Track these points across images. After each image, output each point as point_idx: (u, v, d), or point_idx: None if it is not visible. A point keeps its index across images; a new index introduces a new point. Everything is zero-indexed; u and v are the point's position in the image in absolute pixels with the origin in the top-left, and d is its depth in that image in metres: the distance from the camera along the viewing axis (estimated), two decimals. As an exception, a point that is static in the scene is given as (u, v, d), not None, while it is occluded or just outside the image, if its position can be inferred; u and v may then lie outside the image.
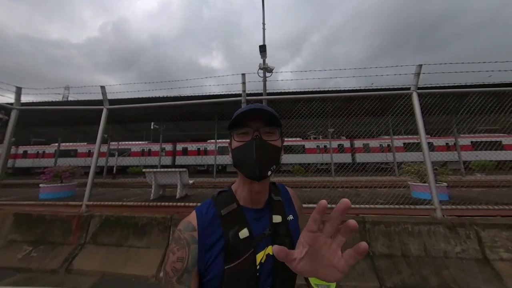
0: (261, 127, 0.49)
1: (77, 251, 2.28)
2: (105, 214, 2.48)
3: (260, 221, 0.53)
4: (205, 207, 0.53)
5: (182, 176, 4.09)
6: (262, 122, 0.50)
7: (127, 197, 4.39)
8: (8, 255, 2.30)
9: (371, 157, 15.26)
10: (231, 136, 0.53)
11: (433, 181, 2.28)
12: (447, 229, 2.04)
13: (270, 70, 6.01)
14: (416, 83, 2.48)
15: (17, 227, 2.52)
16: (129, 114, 11.58)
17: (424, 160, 2.35)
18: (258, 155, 0.47)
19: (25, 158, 18.88)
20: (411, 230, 2.08)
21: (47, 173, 4.36)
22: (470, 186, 4.92)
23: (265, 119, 0.50)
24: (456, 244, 1.98)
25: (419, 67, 2.45)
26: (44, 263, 2.19)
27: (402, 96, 2.63)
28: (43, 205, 2.89)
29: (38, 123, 12.99)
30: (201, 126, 14.48)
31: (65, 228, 2.45)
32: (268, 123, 0.50)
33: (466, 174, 9.87)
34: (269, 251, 0.50)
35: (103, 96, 3.14)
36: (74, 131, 16.39)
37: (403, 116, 2.93)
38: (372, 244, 2.07)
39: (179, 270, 0.45)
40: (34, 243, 2.39)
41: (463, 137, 13.22)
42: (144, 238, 2.30)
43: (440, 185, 3.16)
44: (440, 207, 2.21)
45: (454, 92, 2.54)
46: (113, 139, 15.98)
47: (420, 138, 2.38)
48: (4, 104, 3.33)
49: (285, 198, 0.62)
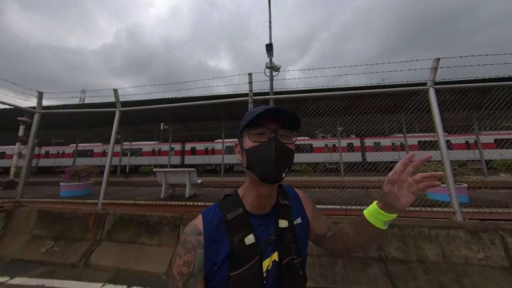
0: (278, 129, 0.47)
1: (94, 247, 2.40)
2: (119, 212, 2.59)
3: (267, 227, 0.52)
4: (211, 211, 0.52)
5: (191, 176, 4.18)
6: (280, 123, 0.48)
7: (139, 195, 4.56)
8: (33, 249, 2.47)
9: (382, 156, 14.69)
10: (242, 136, 0.51)
11: (452, 181, 2.14)
12: (469, 234, 1.90)
13: (277, 69, 5.95)
14: (433, 78, 2.33)
15: (41, 223, 2.70)
16: (140, 115, 12.01)
17: (442, 159, 2.21)
18: (277, 156, 0.45)
19: (47, 158, 20.23)
20: (428, 234, 1.97)
21: (66, 172, 4.64)
22: (494, 188, 4.58)
23: (284, 121, 0.48)
24: (478, 250, 1.84)
25: (436, 61, 2.30)
26: (65, 257, 2.33)
27: (417, 92, 2.49)
28: (63, 202, 3.07)
29: (58, 125, 13.85)
30: (209, 126, 14.70)
31: (82, 224, 2.59)
32: (285, 125, 0.48)
33: (489, 174, 9.20)
34: (275, 257, 0.49)
35: (115, 98, 3.27)
36: (90, 132, 17.29)
37: (418, 113, 2.77)
38: (385, 248, 1.99)
39: (185, 274, 0.44)
40: (56, 238, 2.55)
41: (486, 135, 12.32)
42: (155, 236, 2.37)
43: (460, 186, 2.96)
44: (460, 210, 2.07)
45: (476, 87, 2.35)
46: (126, 140, 16.68)
47: (438, 136, 2.24)
48: (28, 108, 3.57)
49: (293, 200, 0.60)
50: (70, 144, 19.42)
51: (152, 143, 19.27)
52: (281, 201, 0.56)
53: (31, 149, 3.44)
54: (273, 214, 0.54)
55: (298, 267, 0.50)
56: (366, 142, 15.93)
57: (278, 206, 0.55)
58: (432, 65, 2.32)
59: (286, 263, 0.48)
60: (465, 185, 3.12)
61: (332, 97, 2.90)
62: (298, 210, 0.59)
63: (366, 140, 15.92)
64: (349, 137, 16.48)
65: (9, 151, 18.54)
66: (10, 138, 9.11)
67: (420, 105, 2.51)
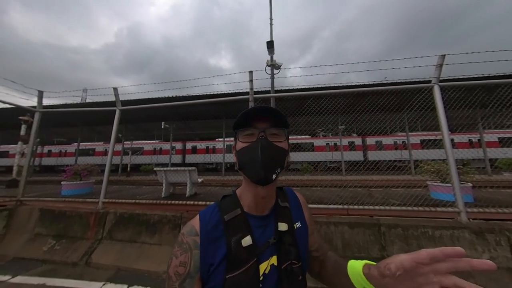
0: (267, 128, 0.47)
1: (95, 246, 2.40)
2: (120, 211, 2.59)
3: (265, 229, 0.50)
4: (209, 211, 0.52)
5: (191, 175, 4.17)
6: (268, 123, 0.48)
7: (139, 194, 4.57)
8: (35, 247, 2.48)
9: (384, 155, 14.60)
10: (236, 138, 0.51)
11: (457, 181, 2.10)
12: (474, 235, 1.87)
13: (278, 67, 5.90)
14: (438, 76, 2.28)
15: (42, 221, 2.71)
16: (140, 114, 12.03)
17: (447, 158, 2.17)
18: (263, 157, 0.45)
19: (49, 156, 20.38)
20: (432, 235, 1.94)
21: (67, 171, 4.65)
22: (497, 187, 4.52)
23: (272, 120, 0.48)
24: (484, 251, 1.81)
25: (441, 57, 2.24)
26: (66, 256, 2.33)
27: (422, 90, 2.44)
28: (64, 201, 3.08)
29: (59, 124, 13.92)
30: (210, 124, 14.69)
31: (83, 223, 2.59)
32: (274, 124, 0.48)
33: (492, 173, 9.11)
34: (274, 261, 0.47)
35: (115, 97, 3.25)
36: (92, 131, 17.38)
37: (422, 112, 2.72)
38: (388, 249, 1.96)
39: (182, 274, 0.44)
40: (57, 237, 2.56)
41: (489, 133, 12.17)
42: (156, 235, 2.37)
43: (464, 186, 2.92)
44: (465, 210, 2.03)
45: (482, 84, 2.30)
46: (127, 139, 16.73)
47: (443, 135, 2.20)
48: (28, 107, 3.57)
49: (293, 203, 0.59)
50: (72, 143, 19.54)
51: (153, 142, 19.32)
52: (281, 203, 0.55)
53: (31, 148, 3.44)
54: (273, 216, 0.52)
55: (298, 272, 0.48)
56: (368, 140, 15.83)
57: (277, 208, 0.54)
58: (437, 62, 2.26)
59: (285, 268, 0.47)
60: (470, 184, 3.08)
61: (334, 95, 2.86)
62: (298, 213, 0.58)
63: (367, 138, 15.83)
64: (350, 135, 16.39)
65: (11, 150, 18.70)
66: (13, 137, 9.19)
67: (424, 103, 2.46)
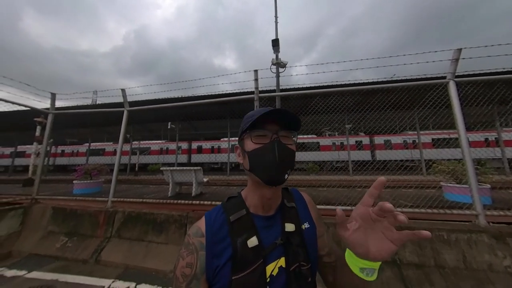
0: (279, 130, 0.47)
1: (104, 244, 2.46)
2: (128, 210, 2.64)
3: (271, 229, 0.49)
4: (214, 212, 0.51)
5: (197, 174, 4.20)
6: (281, 125, 0.48)
7: (147, 194, 4.66)
8: (48, 244, 2.57)
9: (393, 154, 14.15)
10: (243, 139, 0.50)
11: (475, 182, 1.98)
12: (493, 239, 1.76)
13: (283, 65, 5.83)
14: (454, 71, 2.15)
15: (55, 219, 2.81)
16: (148, 115, 12.28)
17: (464, 158, 2.05)
18: (280, 158, 0.45)
19: (62, 156, 21.26)
20: (447, 238, 1.84)
21: (78, 171, 4.82)
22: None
23: (284, 122, 0.48)
24: (505, 257, 1.69)
25: (458, 51, 2.12)
26: (77, 253, 2.40)
27: (435, 86, 2.32)
28: (75, 199, 3.18)
29: (72, 125, 14.46)
30: (215, 124, 14.80)
31: (93, 222, 2.66)
32: (287, 127, 0.48)
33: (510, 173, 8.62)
34: (282, 263, 0.45)
35: (123, 98, 3.32)
36: (101, 131, 17.95)
37: (434, 109, 2.59)
38: (399, 252, 1.88)
39: (188, 276, 0.44)
40: (69, 235, 2.64)
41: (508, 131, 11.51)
42: (162, 234, 2.40)
43: (482, 187, 2.76)
44: (483, 212, 1.91)
45: (503, 79, 2.15)
46: (135, 139, 17.17)
47: (459, 133, 2.08)
48: (42, 109, 3.71)
49: (299, 204, 0.57)
50: (83, 143, 20.29)
51: (160, 142, 19.71)
52: (287, 204, 0.54)
53: (45, 148, 3.58)
54: (279, 216, 0.51)
55: (307, 274, 0.47)
56: (376, 140, 15.40)
57: (284, 208, 0.53)
58: (453, 56, 2.14)
59: (293, 270, 0.45)
60: (488, 185, 2.91)
61: (341, 93, 2.77)
62: (305, 214, 0.56)
63: (376, 137, 15.40)
64: (358, 134, 16.00)
65: (28, 150, 19.65)
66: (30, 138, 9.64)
67: (438, 100, 2.33)
